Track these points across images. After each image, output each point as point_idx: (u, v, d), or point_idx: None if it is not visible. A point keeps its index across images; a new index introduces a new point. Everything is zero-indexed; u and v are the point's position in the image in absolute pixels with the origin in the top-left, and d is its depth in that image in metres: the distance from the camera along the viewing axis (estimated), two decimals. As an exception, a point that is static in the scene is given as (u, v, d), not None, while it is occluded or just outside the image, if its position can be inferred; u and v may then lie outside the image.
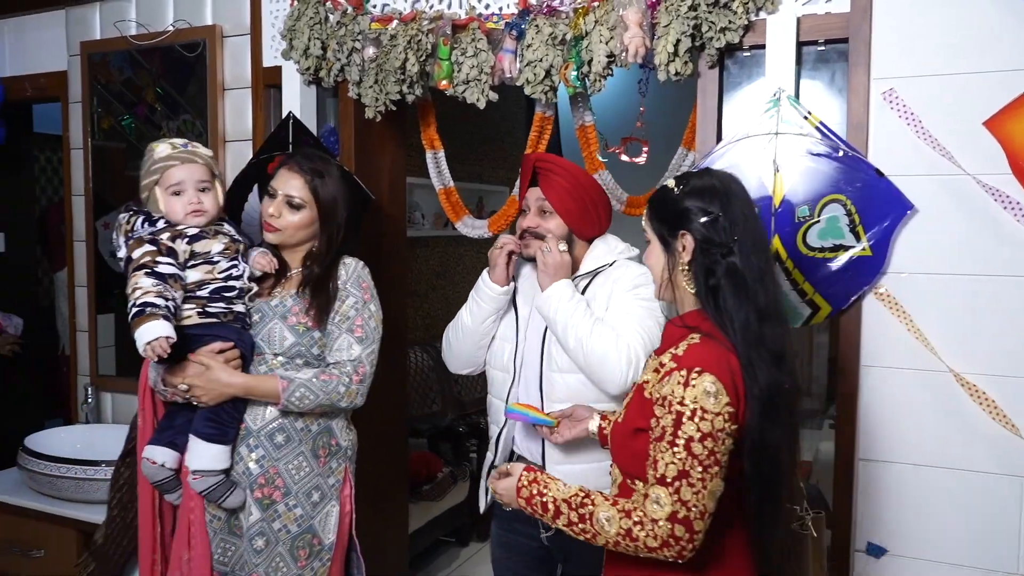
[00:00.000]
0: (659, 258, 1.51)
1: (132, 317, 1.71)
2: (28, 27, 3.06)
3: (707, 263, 1.43)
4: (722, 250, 1.43)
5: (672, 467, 1.33)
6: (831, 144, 1.89)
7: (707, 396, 1.33)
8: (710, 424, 1.32)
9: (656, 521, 1.33)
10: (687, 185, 1.49)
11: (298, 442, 1.90)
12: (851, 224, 1.88)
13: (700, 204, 1.45)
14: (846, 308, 1.93)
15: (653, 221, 1.52)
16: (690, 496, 1.32)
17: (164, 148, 1.86)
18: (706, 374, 1.34)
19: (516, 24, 2.15)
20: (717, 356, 1.37)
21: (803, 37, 1.94)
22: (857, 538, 1.97)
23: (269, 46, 2.55)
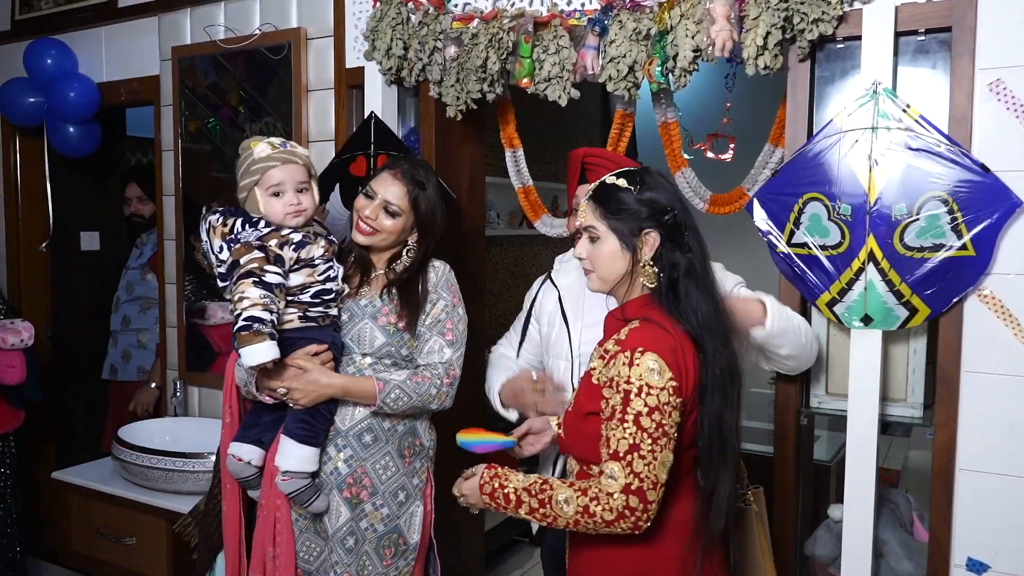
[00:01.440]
0: (617, 255, 1.54)
1: (239, 330, 1.71)
2: (123, 34, 3.18)
3: (669, 260, 1.51)
4: (681, 246, 1.52)
5: (623, 442, 1.41)
6: (932, 138, 1.80)
7: (651, 372, 1.41)
8: (656, 398, 1.41)
9: (611, 495, 1.39)
10: (644, 184, 1.53)
11: (385, 442, 1.92)
12: (953, 222, 1.79)
13: (659, 201, 1.52)
14: (946, 311, 1.84)
15: (610, 219, 1.53)
16: (642, 468, 1.39)
17: (264, 148, 1.85)
18: (648, 353, 1.42)
19: (599, 20, 2.12)
20: (656, 337, 1.45)
21: (901, 27, 1.85)
22: (956, 552, 1.88)
23: (352, 47, 2.59)
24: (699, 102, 2.43)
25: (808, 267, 1.94)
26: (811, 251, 1.93)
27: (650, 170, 1.58)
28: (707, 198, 2.30)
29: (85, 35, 3.26)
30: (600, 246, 1.55)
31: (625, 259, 1.53)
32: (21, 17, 3.45)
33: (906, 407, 2.00)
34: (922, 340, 1.96)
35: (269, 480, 1.89)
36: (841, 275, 1.90)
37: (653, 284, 1.52)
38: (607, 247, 1.54)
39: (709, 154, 2.17)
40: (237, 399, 2.00)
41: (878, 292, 1.87)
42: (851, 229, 1.88)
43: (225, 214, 1.87)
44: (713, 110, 2.30)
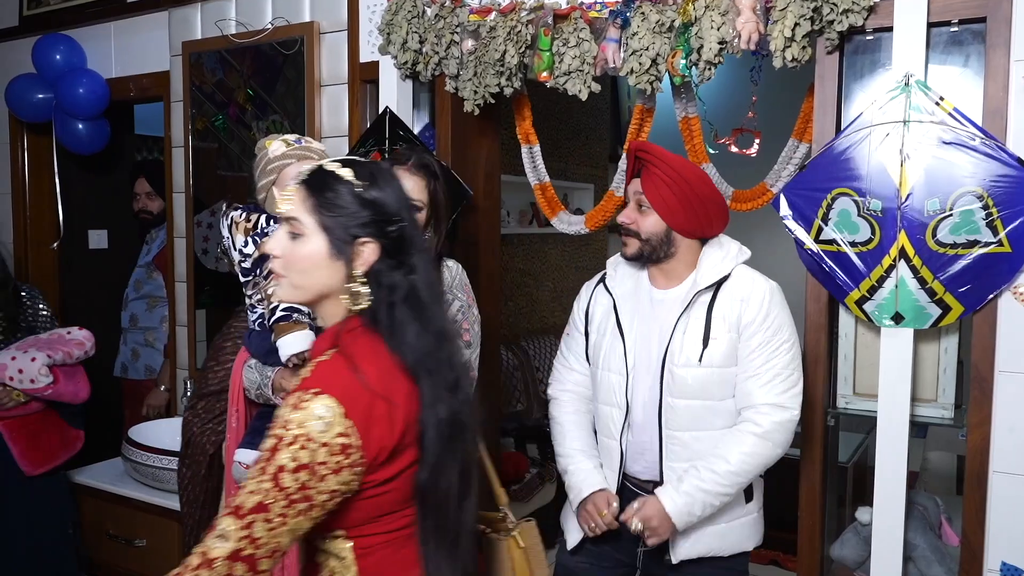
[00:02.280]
0: (325, 262, 1.22)
1: (277, 320, 1.67)
2: (132, 29, 3.14)
3: (387, 278, 1.22)
4: (404, 265, 1.23)
5: (252, 497, 1.11)
6: (966, 132, 1.75)
7: (316, 421, 1.11)
8: (309, 454, 1.10)
9: (212, 561, 1.09)
10: (374, 182, 1.24)
11: None
12: (988, 218, 1.74)
13: (388, 207, 1.22)
14: (980, 308, 1.79)
15: (323, 215, 1.22)
16: (263, 533, 1.10)
17: (278, 146, 1.82)
18: (323, 396, 1.12)
19: (621, 12, 2.07)
20: (343, 377, 1.16)
21: (934, 18, 1.81)
22: (989, 557, 1.83)
23: (366, 41, 2.55)
24: (719, 96, 2.38)
25: (837, 264, 1.89)
26: (840, 248, 1.88)
27: (382, 166, 1.30)
28: (729, 194, 2.25)
29: (94, 30, 3.22)
30: (301, 245, 1.23)
31: (332, 268, 1.22)
32: (29, 13, 3.42)
33: (936, 407, 1.95)
34: (953, 339, 1.91)
35: None
36: (871, 272, 1.85)
37: (359, 306, 1.23)
38: (310, 248, 1.22)
39: (733, 149, 2.13)
40: (244, 403, 1.96)
41: (909, 290, 1.82)
42: (882, 225, 1.83)
43: (248, 210, 1.85)
44: (732, 104, 2.26)
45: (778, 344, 1.77)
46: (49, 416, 2.65)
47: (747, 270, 1.86)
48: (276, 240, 1.25)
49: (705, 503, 1.75)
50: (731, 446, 1.75)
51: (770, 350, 1.77)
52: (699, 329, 1.79)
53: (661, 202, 1.81)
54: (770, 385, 1.76)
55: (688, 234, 1.85)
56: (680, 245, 1.85)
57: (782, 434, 1.76)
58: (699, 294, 1.81)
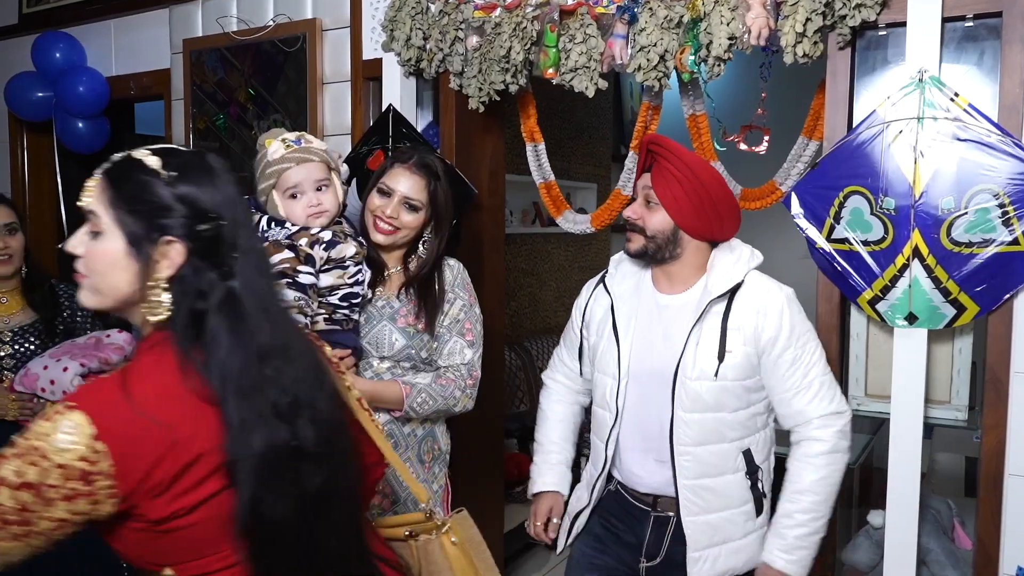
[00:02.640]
0: (122, 263, 1.07)
1: None
2: (132, 27, 3.11)
3: (196, 285, 1.06)
4: (221, 269, 1.07)
5: None
6: (982, 129, 1.72)
7: (60, 436, 0.96)
8: (40, 473, 0.95)
9: None
10: (182, 170, 1.08)
11: (405, 448, 1.85)
12: (1004, 216, 1.71)
13: (199, 201, 1.07)
14: (996, 308, 1.76)
15: (119, 210, 1.07)
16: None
17: (277, 148, 1.76)
18: (76, 412, 0.98)
19: (628, 8, 2.04)
20: (110, 400, 1.00)
21: (948, 13, 1.77)
22: (1005, 561, 1.80)
23: (369, 38, 2.52)
24: (727, 93, 2.35)
25: (849, 263, 1.86)
26: (852, 247, 1.85)
27: (206, 155, 1.14)
28: (738, 193, 2.22)
29: (94, 28, 3.20)
30: (99, 243, 1.08)
31: (132, 271, 1.07)
32: (29, 10, 3.39)
33: (950, 409, 1.92)
34: (968, 339, 1.88)
35: None
36: (884, 272, 1.82)
37: (156, 316, 1.07)
38: (108, 247, 1.07)
39: (742, 146, 2.10)
40: None
41: (923, 289, 1.79)
42: (895, 224, 1.80)
43: (254, 212, 1.79)
44: (741, 101, 2.23)
45: (811, 353, 1.71)
46: None
47: (761, 277, 1.77)
48: (76, 238, 1.11)
49: (812, 543, 1.70)
50: (807, 475, 1.69)
51: (805, 362, 1.70)
52: (713, 342, 1.70)
53: (671, 198, 1.72)
54: (819, 397, 1.70)
55: (696, 235, 1.75)
56: (687, 246, 1.76)
57: (846, 439, 1.72)
58: (712, 303, 1.72)
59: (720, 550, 1.73)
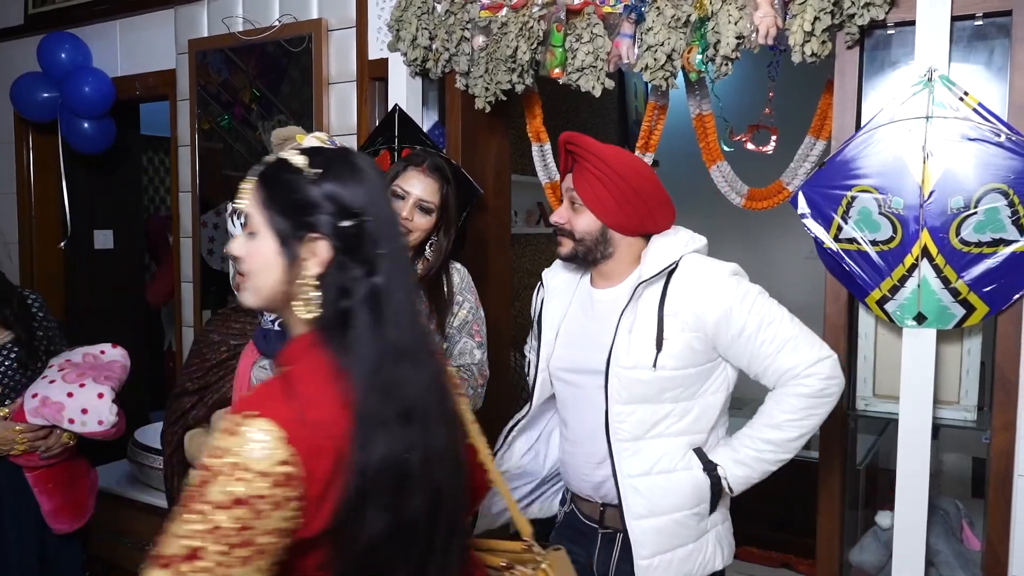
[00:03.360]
0: (273, 261, 1.08)
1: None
2: (138, 27, 3.12)
3: (341, 280, 1.06)
4: (365, 266, 1.06)
5: (180, 542, 0.92)
6: (992, 128, 1.71)
7: (253, 447, 0.94)
8: (247, 488, 0.93)
9: None
10: (326, 168, 1.09)
11: None
12: (1014, 216, 1.70)
13: (343, 198, 1.07)
14: (1006, 309, 1.75)
15: (269, 210, 1.09)
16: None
17: (315, 143, 1.78)
18: (260, 419, 0.96)
19: (635, 7, 2.04)
20: (289, 405, 0.99)
21: (957, 11, 1.76)
22: (1014, 562, 1.79)
23: (374, 38, 2.51)
24: (734, 92, 2.34)
25: (857, 263, 1.85)
26: (860, 247, 1.84)
27: (351, 153, 1.15)
28: (744, 193, 2.21)
29: (99, 28, 3.20)
30: (254, 244, 1.10)
31: (282, 269, 1.08)
32: (34, 11, 3.40)
33: (959, 410, 1.91)
34: (976, 340, 1.87)
35: None
36: (893, 272, 1.81)
37: (309, 313, 1.07)
38: (263, 247, 1.09)
39: (750, 146, 2.09)
40: None
41: (932, 289, 1.78)
42: (903, 223, 1.79)
43: None
44: (748, 100, 2.22)
45: (770, 313, 1.58)
46: (77, 460, 2.23)
47: (698, 258, 1.66)
48: (237, 241, 1.13)
49: (764, 472, 1.62)
50: (779, 413, 1.58)
51: (769, 324, 1.58)
52: (650, 329, 1.60)
53: (594, 199, 1.65)
54: (797, 350, 1.57)
55: (626, 231, 1.68)
56: (619, 244, 1.68)
57: (833, 383, 1.58)
58: (644, 287, 1.62)
59: (672, 556, 1.63)
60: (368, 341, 1.04)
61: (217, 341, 2.18)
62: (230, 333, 2.18)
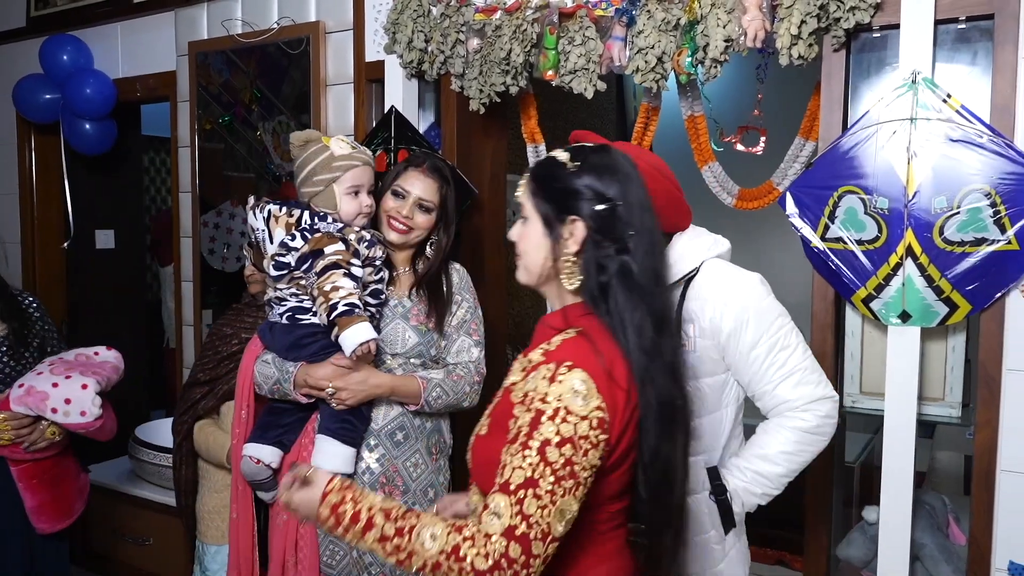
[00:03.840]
0: (540, 242, 1.28)
1: (339, 315, 1.70)
2: (138, 29, 3.16)
3: (597, 257, 1.24)
4: (616, 245, 1.23)
5: (519, 473, 1.12)
6: (974, 129, 1.75)
7: (574, 395, 1.13)
8: (572, 428, 1.12)
9: (490, 536, 1.11)
10: (584, 161, 1.27)
11: (415, 439, 1.89)
12: (996, 216, 1.73)
13: (597, 187, 1.24)
14: (988, 307, 1.78)
15: (537, 198, 1.29)
16: (534, 510, 1.10)
17: (343, 146, 1.84)
18: (577, 370, 1.15)
19: (626, 10, 2.07)
20: (593, 354, 1.18)
21: (941, 15, 1.80)
22: (997, 555, 1.82)
23: (371, 41, 2.55)
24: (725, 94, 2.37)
25: (843, 262, 1.88)
26: (847, 246, 1.87)
27: (609, 151, 1.31)
28: (735, 192, 2.24)
29: (100, 31, 3.24)
30: (527, 228, 1.31)
31: (546, 247, 1.27)
32: (36, 13, 3.44)
33: (944, 406, 1.94)
34: (960, 337, 1.90)
35: None
36: (878, 270, 1.85)
37: (572, 285, 1.26)
38: (531, 230, 1.29)
39: (740, 147, 2.12)
40: (254, 398, 1.95)
41: (917, 288, 1.81)
42: (888, 223, 1.83)
43: (287, 205, 1.83)
44: (738, 102, 2.26)
45: (786, 337, 1.56)
46: (66, 459, 2.21)
47: (721, 264, 1.64)
48: (514, 228, 1.34)
49: (747, 504, 1.61)
50: (774, 444, 1.56)
51: (782, 348, 1.56)
52: None
53: None
54: (803, 383, 1.56)
55: None
56: None
57: (830, 426, 1.57)
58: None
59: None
60: (629, 310, 1.22)
61: (229, 334, 2.24)
62: (242, 327, 2.23)
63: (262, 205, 1.84)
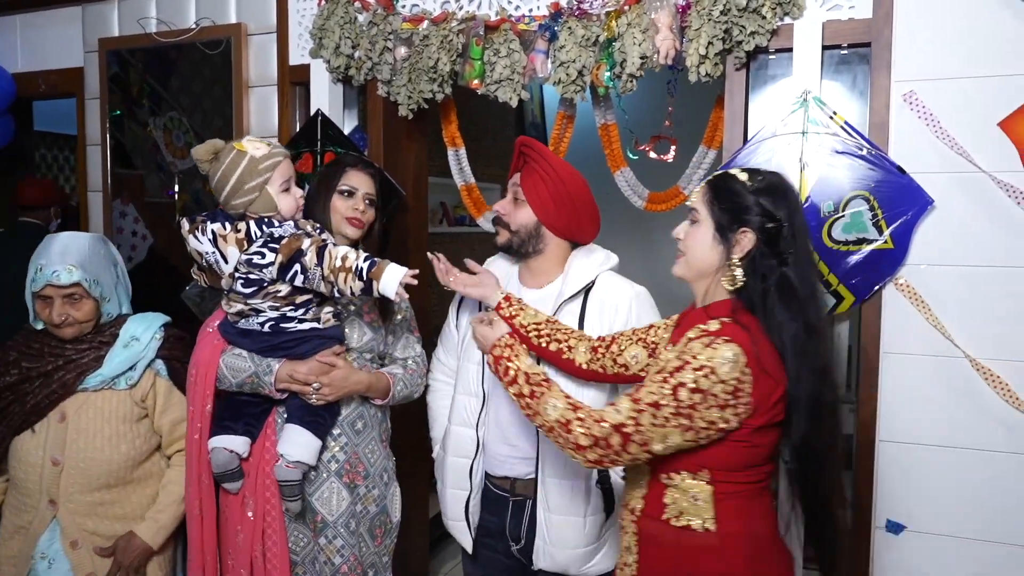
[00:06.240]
0: (708, 243, 1.48)
1: (368, 270, 1.67)
2: (41, 23, 3.06)
3: (762, 266, 1.43)
4: (779, 258, 1.43)
5: (650, 394, 1.38)
6: (856, 143, 1.99)
7: (723, 362, 1.35)
8: (709, 383, 1.35)
9: (600, 421, 1.39)
10: (760, 182, 1.47)
11: (372, 428, 1.98)
12: (874, 218, 1.99)
13: (769, 206, 1.44)
14: (868, 297, 2.04)
15: (713, 206, 1.48)
16: (647, 424, 1.37)
17: (260, 147, 1.79)
18: (734, 344, 1.36)
19: (549, 26, 2.22)
20: (747, 338, 1.38)
21: (827, 41, 2.04)
22: (877, 516, 2.08)
23: (296, 44, 2.59)
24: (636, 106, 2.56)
25: (746, 260, 2.10)
26: (748, 245, 2.09)
27: (783, 177, 1.51)
28: (645, 196, 2.44)
29: (-3, 23, 3.12)
30: (696, 230, 1.50)
31: (716, 251, 1.47)
32: (-78, 2, 3.25)
33: (830, 387, 2.19)
34: (844, 325, 2.16)
35: (257, 478, 1.87)
36: (776, 267, 2.07)
37: (732, 287, 1.45)
38: (702, 232, 1.49)
39: (652, 155, 2.31)
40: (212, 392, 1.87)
41: (809, 282, 2.05)
42: (784, 225, 2.05)
43: (223, 219, 1.78)
44: (647, 113, 2.44)
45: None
46: None
47: (613, 276, 1.89)
48: (680, 227, 1.55)
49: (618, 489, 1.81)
50: None
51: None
52: None
53: (535, 196, 1.85)
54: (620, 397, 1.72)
55: (557, 232, 1.88)
56: (549, 243, 1.88)
57: None
58: (566, 303, 1.84)
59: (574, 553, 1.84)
60: (785, 315, 1.41)
61: (10, 362, 1.96)
62: (28, 354, 1.96)
63: (201, 227, 1.78)
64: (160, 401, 1.98)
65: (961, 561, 2.01)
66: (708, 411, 1.36)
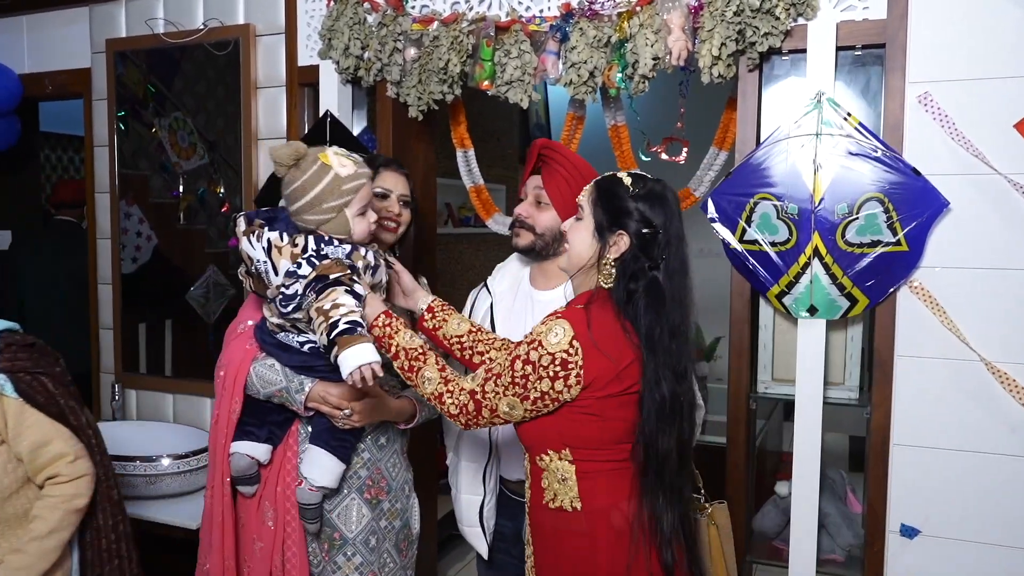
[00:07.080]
0: (587, 241, 1.58)
1: (340, 334, 1.54)
2: (48, 24, 3.05)
3: (633, 268, 1.53)
4: (652, 262, 1.53)
5: (498, 365, 1.54)
6: (870, 145, 1.98)
7: (550, 334, 1.48)
8: (537, 355, 1.48)
9: (463, 389, 1.55)
10: (642, 188, 1.56)
11: (394, 441, 1.96)
12: (888, 221, 1.97)
13: (647, 213, 1.54)
14: (882, 300, 2.02)
15: (596, 207, 1.57)
16: (490, 391, 1.52)
17: (346, 165, 1.67)
18: (564, 320, 1.49)
19: (560, 27, 2.21)
20: (582, 318, 1.50)
21: (841, 42, 2.03)
22: (891, 519, 2.07)
23: (304, 45, 2.58)
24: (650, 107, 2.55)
25: (759, 262, 2.09)
26: (761, 247, 2.08)
27: (666, 185, 1.59)
28: (656, 198, 2.42)
29: (4, 23, 3.11)
30: (579, 227, 1.60)
31: (592, 248, 1.57)
32: (-72, 3, 3.25)
33: (843, 390, 2.18)
34: (859, 328, 2.14)
35: (277, 487, 1.84)
36: (789, 269, 2.06)
37: (607, 284, 1.55)
38: (583, 230, 1.58)
39: (664, 156, 2.30)
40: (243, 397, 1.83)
41: (822, 285, 2.04)
42: (798, 227, 2.04)
43: (284, 229, 1.69)
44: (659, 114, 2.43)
45: None
46: None
47: None
48: (568, 221, 1.65)
49: None
50: None
51: None
52: None
53: (560, 199, 1.85)
54: None
55: None
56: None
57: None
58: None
59: None
60: (651, 316, 1.50)
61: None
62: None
63: (258, 232, 1.69)
64: (11, 423, 1.70)
65: (977, 565, 1.99)
66: (540, 382, 1.48)
